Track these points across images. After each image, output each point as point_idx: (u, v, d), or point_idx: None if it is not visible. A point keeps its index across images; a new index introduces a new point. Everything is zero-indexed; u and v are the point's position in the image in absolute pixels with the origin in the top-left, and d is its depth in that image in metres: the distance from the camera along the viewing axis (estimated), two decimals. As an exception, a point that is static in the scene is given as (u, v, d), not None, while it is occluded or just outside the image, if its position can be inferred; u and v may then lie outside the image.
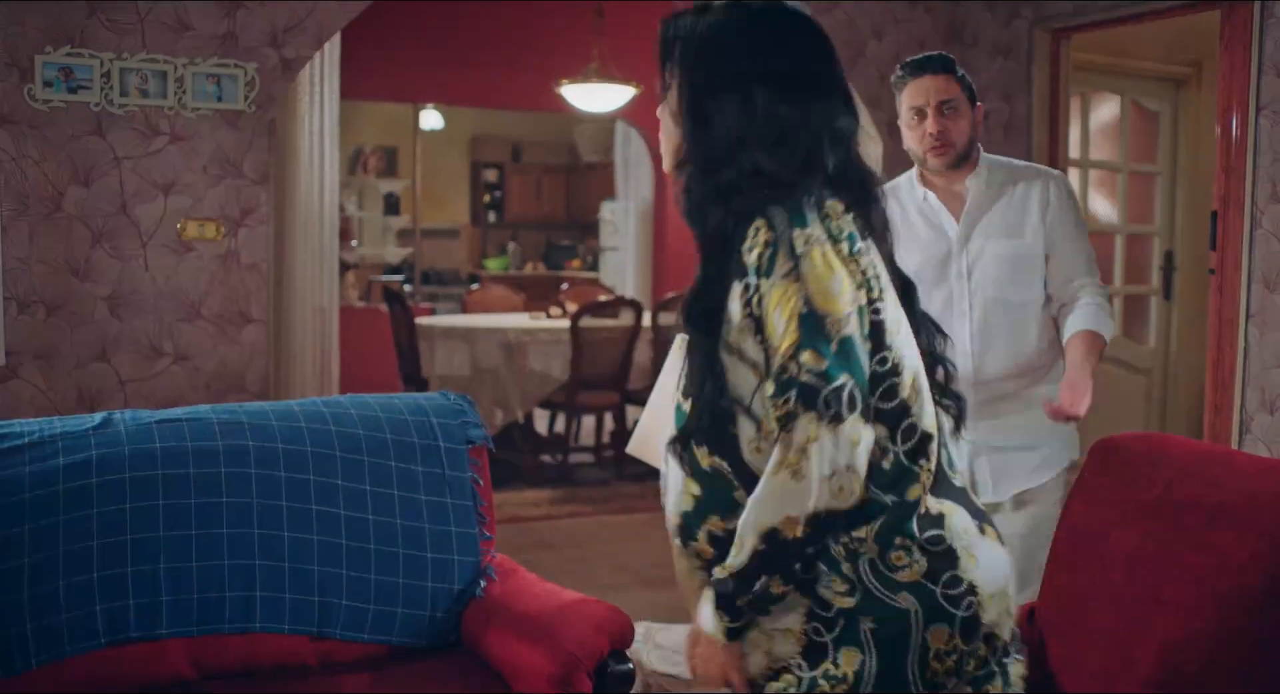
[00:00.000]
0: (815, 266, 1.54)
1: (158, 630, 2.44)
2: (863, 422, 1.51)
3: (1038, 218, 2.98)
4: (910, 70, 2.94)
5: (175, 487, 2.50)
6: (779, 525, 1.52)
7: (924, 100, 2.90)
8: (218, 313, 4.27)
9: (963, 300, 2.96)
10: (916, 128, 2.94)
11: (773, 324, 1.53)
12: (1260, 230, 4.26)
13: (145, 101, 4.09)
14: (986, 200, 2.99)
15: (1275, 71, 4.18)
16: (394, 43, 8.98)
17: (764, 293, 1.54)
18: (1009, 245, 2.95)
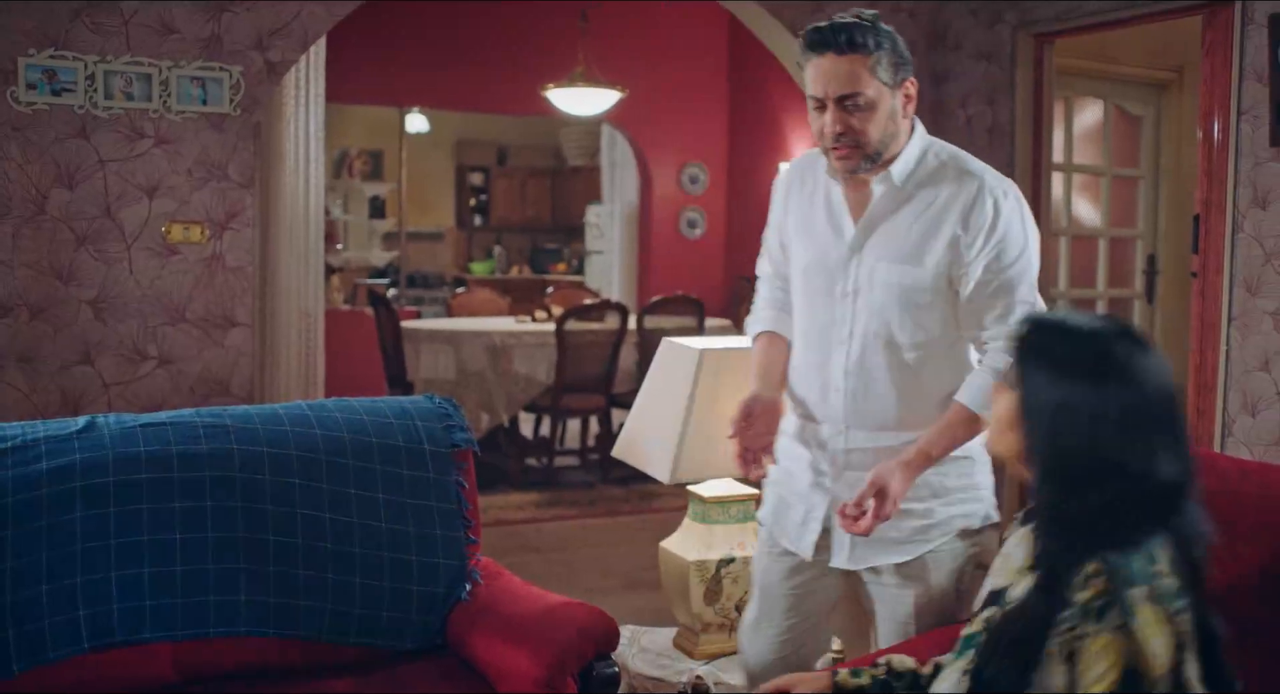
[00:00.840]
0: (1143, 627, 1.57)
1: (142, 634, 2.43)
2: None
3: (946, 242, 2.27)
4: (807, 46, 2.24)
5: (159, 490, 2.49)
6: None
7: (821, 90, 2.23)
8: (202, 316, 4.26)
9: (843, 325, 2.34)
10: (816, 120, 2.27)
11: (1090, 664, 1.57)
12: (1242, 234, 4.29)
13: (130, 104, 4.08)
14: (889, 208, 2.32)
15: (1256, 77, 4.21)
16: (380, 46, 8.98)
17: (1087, 634, 1.58)
18: (899, 272, 2.29)
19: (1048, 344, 1.70)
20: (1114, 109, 6.22)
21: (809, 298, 2.43)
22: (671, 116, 10.25)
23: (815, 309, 2.41)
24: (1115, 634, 1.57)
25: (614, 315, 7.26)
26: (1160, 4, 4.71)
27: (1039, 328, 1.74)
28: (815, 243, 2.40)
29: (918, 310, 2.30)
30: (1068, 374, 1.66)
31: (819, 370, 2.40)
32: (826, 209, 2.39)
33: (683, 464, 2.80)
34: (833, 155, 2.28)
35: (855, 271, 2.34)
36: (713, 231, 10.65)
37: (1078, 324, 1.72)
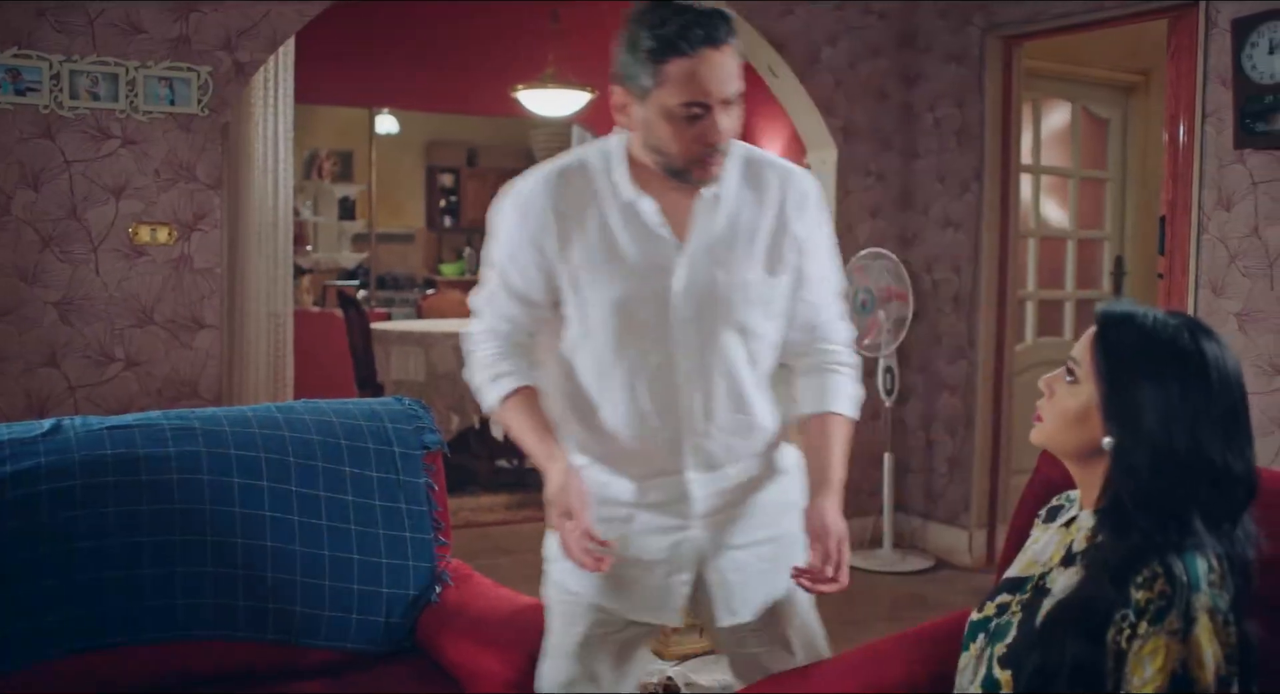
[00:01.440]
0: (1200, 635, 1.57)
1: (108, 640, 2.41)
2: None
3: (770, 234, 2.10)
4: (681, 41, 1.90)
5: (126, 494, 2.47)
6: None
7: (704, 92, 1.92)
8: (170, 318, 4.23)
9: (692, 356, 2.06)
10: (686, 129, 1.94)
11: (1139, 666, 1.58)
12: (1206, 235, 4.33)
13: (96, 104, 4.05)
14: (720, 213, 2.07)
15: (1220, 80, 4.26)
16: (349, 47, 8.95)
17: (1141, 636, 1.58)
18: (755, 282, 2.08)
19: (1130, 340, 1.69)
20: (1082, 111, 6.27)
21: (628, 337, 2.05)
22: (642, 118, 10.25)
23: (642, 349, 2.05)
24: (1170, 638, 1.57)
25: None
26: (1126, 7, 4.75)
27: (1116, 323, 1.72)
28: (627, 272, 2.03)
29: (770, 320, 2.12)
30: (1155, 370, 1.65)
31: (665, 416, 2.08)
32: (631, 230, 2.04)
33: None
34: (704, 168, 1.99)
35: (696, 292, 2.04)
36: (684, 233, 10.65)
37: (1154, 319, 1.71)
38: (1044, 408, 1.81)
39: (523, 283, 2.09)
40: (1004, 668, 1.74)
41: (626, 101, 2.00)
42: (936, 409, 5.64)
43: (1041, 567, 1.83)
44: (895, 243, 5.67)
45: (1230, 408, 1.65)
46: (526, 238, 2.06)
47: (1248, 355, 4.18)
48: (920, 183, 5.68)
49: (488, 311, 2.15)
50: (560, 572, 2.21)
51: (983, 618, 1.86)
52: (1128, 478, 1.66)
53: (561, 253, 2.05)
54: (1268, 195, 4.14)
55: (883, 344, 5.50)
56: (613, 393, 2.09)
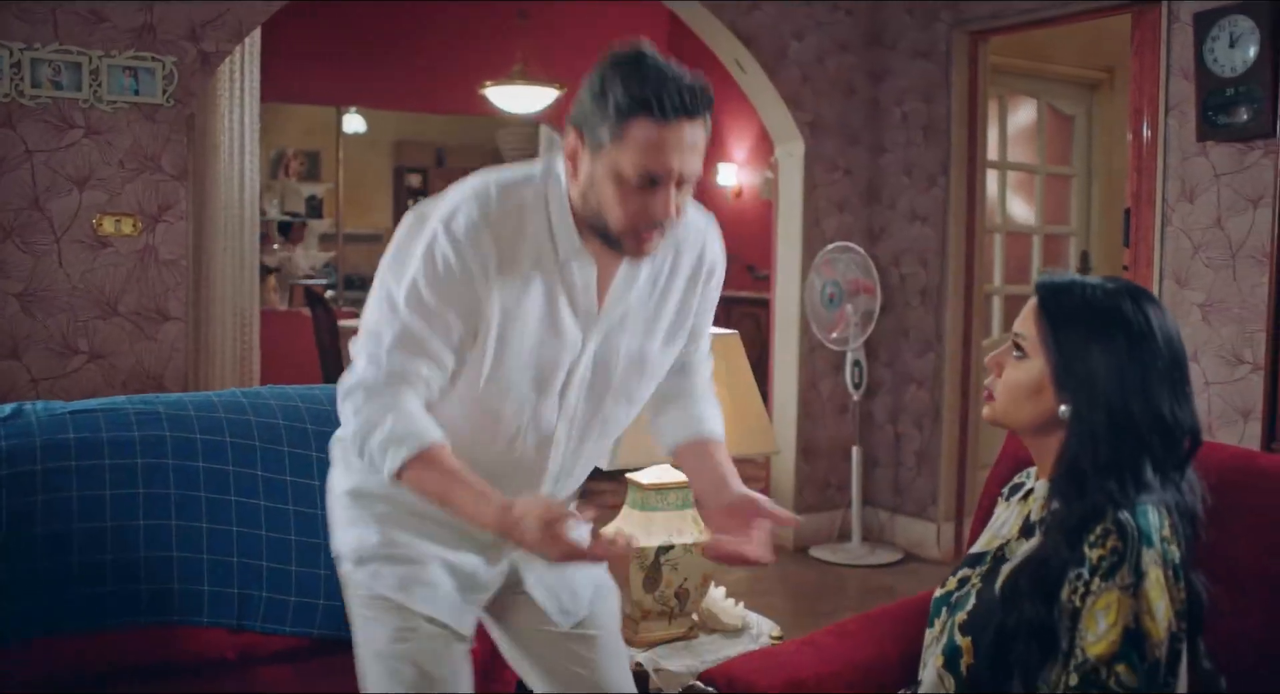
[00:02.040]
0: (1150, 589, 1.59)
1: (71, 625, 2.38)
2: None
3: (679, 302, 2.03)
4: (656, 103, 1.75)
5: (89, 478, 2.44)
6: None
7: (663, 165, 1.77)
8: (135, 310, 4.20)
9: (573, 419, 1.99)
10: (634, 197, 1.79)
11: (1093, 623, 1.60)
12: (1170, 227, 4.37)
13: (58, 93, 4.01)
14: (638, 283, 1.97)
15: (1182, 74, 4.30)
16: (316, 45, 8.90)
17: (1094, 592, 1.61)
18: (640, 351, 2.00)
19: (1074, 308, 1.72)
20: (1047, 108, 6.32)
21: (506, 394, 1.92)
22: (610, 117, 10.24)
23: (518, 407, 1.93)
24: (1123, 593, 1.59)
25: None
26: (1090, 3, 4.79)
27: (1059, 292, 1.75)
28: (534, 330, 1.89)
29: (654, 383, 2.08)
30: (1101, 333, 1.68)
31: (535, 466, 2.00)
32: (554, 292, 1.90)
33: (623, 450, 2.79)
34: (638, 241, 1.84)
35: (599, 361, 1.96)
36: (652, 232, 10.65)
37: (1093, 285, 1.74)
38: (994, 385, 1.82)
39: (442, 335, 1.85)
40: (964, 635, 1.76)
41: (577, 148, 1.83)
42: (904, 403, 5.66)
43: (1001, 539, 1.85)
44: (862, 237, 5.69)
45: (1175, 362, 1.69)
46: (461, 284, 1.83)
47: (1211, 346, 4.22)
48: (887, 177, 5.70)
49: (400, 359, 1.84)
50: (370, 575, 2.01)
51: (945, 593, 1.88)
52: (1088, 442, 1.68)
53: (488, 301, 1.86)
54: (1230, 187, 4.18)
55: (850, 337, 5.51)
56: (489, 444, 1.95)
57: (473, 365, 1.89)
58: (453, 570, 2.01)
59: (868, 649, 2.21)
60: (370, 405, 1.83)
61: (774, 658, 2.20)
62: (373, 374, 1.84)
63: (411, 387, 1.85)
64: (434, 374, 1.86)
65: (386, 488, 1.95)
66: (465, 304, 1.84)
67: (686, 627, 3.05)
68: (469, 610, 2.05)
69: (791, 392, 5.71)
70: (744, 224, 9.84)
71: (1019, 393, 1.77)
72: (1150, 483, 1.66)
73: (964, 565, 1.88)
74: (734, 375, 3.00)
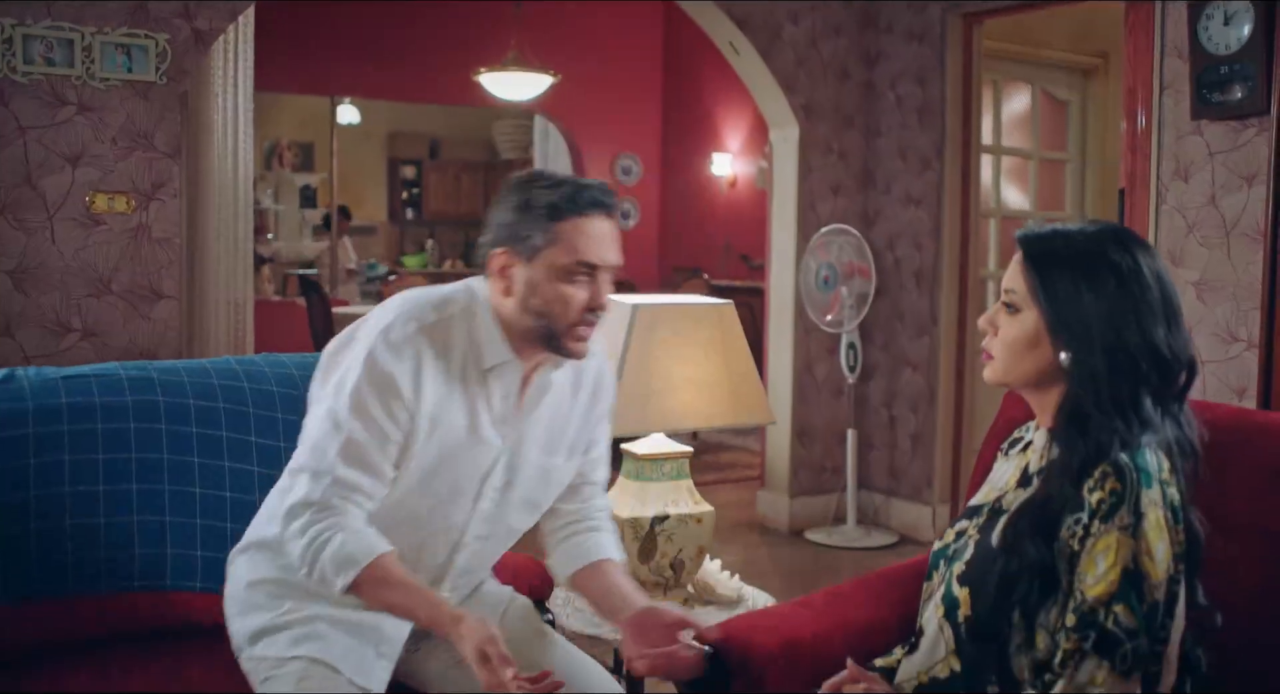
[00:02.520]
0: (1150, 530, 1.60)
1: (63, 589, 2.37)
2: (1138, 682, 1.59)
3: (580, 423, 2.21)
4: (578, 201, 1.97)
5: (82, 442, 2.42)
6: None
7: (598, 255, 1.97)
8: (128, 288, 4.18)
9: (480, 525, 2.13)
10: (575, 289, 1.97)
11: (1092, 565, 1.60)
12: (1165, 206, 4.37)
13: (51, 70, 4.00)
14: (549, 397, 2.13)
15: (1176, 53, 4.30)
16: (311, 34, 8.89)
17: (1093, 534, 1.61)
18: (546, 462, 2.16)
19: (1060, 254, 1.71)
20: (1041, 94, 6.32)
21: (428, 498, 2.05)
22: (605, 107, 10.25)
23: (437, 511, 2.06)
24: (1122, 534, 1.59)
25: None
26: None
27: (1042, 241, 1.74)
28: (459, 437, 2.02)
29: (555, 492, 2.23)
30: (1089, 275, 1.68)
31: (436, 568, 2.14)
32: (475, 402, 2.04)
33: (617, 419, 2.79)
34: (579, 333, 2.00)
35: (511, 471, 2.10)
36: (646, 222, 10.66)
37: (1075, 230, 1.74)
38: (991, 345, 1.82)
39: (382, 444, 1.96)
40: (962, 585, 1.75)
41: (509, 263, 1.99)
42: (899, 386, 5.66)
43: (999, 491, 1.84)
44: (857, 220, 5.69)
45: (1165, 295, 1.69)
46: (398, 392, 1.96)
47: (1206, 324, 4.22)
48: (882, 161, 5.70)
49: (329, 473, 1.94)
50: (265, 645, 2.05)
51: (943, 546, 1.88)
52: (1089, 384, 1.67)
53: (420, 409, 1.98)
54: (1224, 165, 4.18)
55: (845, 320, 5.51)
56: (404, 544, 2.02)
57: (402, 472, 2.00)
58: (350, 627, 2.05)
59: (864, 610, 2.21)
60: (318, 524, 1.93)
61: (770, 618, 2.19)
62: (319, 492, 1.94)
63: (355, 504, 1.96)
64: (375, 487, 1.98)
65: (282, 573, 2.06)
66: (402, 411, 1.96)
67: (681, 599, 3.04)
68: (377, 664, 2.05)
69: (786, 375, 5.70)
70: (739, 214, 9.84)
71: (1017, 347, 1.77)
72: (1151, 417, 1.66)
73: (961, 518, 1.88)
74: (730, 346, 2.99)
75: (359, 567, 1.90)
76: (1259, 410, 2.64)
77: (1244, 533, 1.88)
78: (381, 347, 1.96)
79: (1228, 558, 1.86)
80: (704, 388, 2.92)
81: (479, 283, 2.08)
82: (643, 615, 2.05)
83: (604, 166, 10.46)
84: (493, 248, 2.01)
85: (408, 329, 1.98)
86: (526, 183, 2.01)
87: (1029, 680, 1.67)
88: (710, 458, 7.52)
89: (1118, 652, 1.57)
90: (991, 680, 1.71)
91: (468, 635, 1.84)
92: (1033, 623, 1.67)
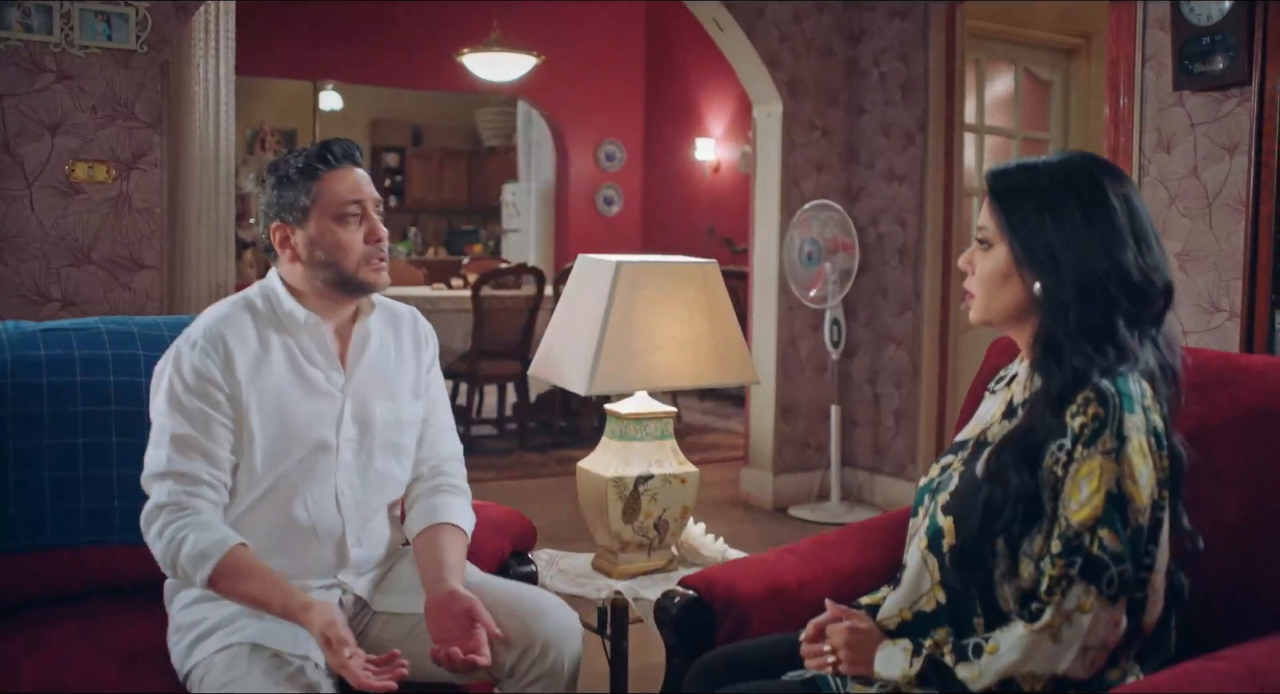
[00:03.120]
0: (1134, 454, 1.60)
1: (42, 541, 2.35)
2: (1125, 606, 1.60)
3: (414, 366, 2.33)
4: (327, 158, 2.15)
5: (61, 395, 2.41)
6: (1020, 678, 1.62)
7: (361, 193, 2.16)
8: (108, 257, 4.16)
9: (347, 476, 2.20)
10: (355, 227, 2.15)
11: (1076, 491, 1.61)
12: (1148, 178, 4.38)
13: (29, 36, 3.96)
14: (371, 345, 2.26)
15: (1159, 25, 4.30)
16: (292, 18, 8.85)
17: (1076, 459, 1.61)
18: (393, 405, 2.27)
19: (1025, 187, 1.72)
20: (1024, 73, 6.33)
21: (284, 461, 2.14)
22: (588, 93, 10.24)
23: (299, 471, 2.14)
24: (1105, 458, 1.59)
25: (531, 281, 7.21)
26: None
27: (1008, 176, 1.75)
28: (290, 406, 2.14)
29: (406, 449, 2.30)
30: (1053, 204, 1.68)
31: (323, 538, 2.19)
32: (296, 360, 2.17)
33: (599, 376, 2.78)
34: (374, 265, 2.16)
35: (353, 417, 2.20)
36: (629, 208, 10.65)
37: (1041, 162, 1.74)
38: (970, 284, 1.83)
39: (206, 432, 2.07)
40: (946, 515, 1.75)
41: (287, 233, 2.16)
42: (883, 362, 5.66)
43: (984, 425, 1.85)
44: (841, 197, 5.69)
45: (1134, 219, 1.69)
46: (210, 382, 2.08)
47: (1188, 295, 4.24)
48: (865, 138, 5.70)
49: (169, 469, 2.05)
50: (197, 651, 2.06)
51: (928, 481, 1.88)
52: (1060, 313, 1.68)
53: (239, 389, 2.10)
54: (1206, 136, 4.19)
55: (829, 295, 5.52)
56: (287, 518, 2.14)
57: (249, 448, 2.10)
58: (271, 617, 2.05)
59: (850, 556, 2.21)
60: (173, 525, 2.03)
61: (755, 565, 2.19)
62: (165, 494, 2.05)
63: (203, 497, 2.06)
64: (216, 474, 2.07)
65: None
66: (219, 394, 2.08)
67: (666, 560, 3.03)
68: (310, 640, 2.04)
69: (770, 352, 5.70)
70: (722, 199, 9.84)
71: (992, 282, 1.78)
72: (1127, 342, 1.66)
73: (947, 453, 1.88)
74: (714, 305, 2.98)
75: (214, 559, 1.99)
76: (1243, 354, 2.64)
77: (1229, 471, 1.89)
78: (186, 349, 2.11)
79: (1214, 496, 1.87)
80: (688, 346, 2.91)
81: (268, 275, 2.23)
82: (443, 599, 2.08)
83: (588, 153, 10.45)
84: (268, 225, 2.17)
85: (206, 325, 2.14)
86: (277, 163, 2.19)
87: (1014, 611, 1.67)
88: (694, 439, 7.53)
89: (1104, 576, 1.57)
90: (976, 611, 1.71)
91: (315, 622, 1.93)
92: (1016, 552, 1.67)
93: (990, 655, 1.64)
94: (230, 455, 2.09)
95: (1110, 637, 1.59)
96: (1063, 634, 1.58)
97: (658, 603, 2.29)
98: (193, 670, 2.03)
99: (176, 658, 2.08)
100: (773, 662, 1.92)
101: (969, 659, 1.66)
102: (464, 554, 2.23)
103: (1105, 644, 1.60)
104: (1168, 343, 1.73)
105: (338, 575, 2.20)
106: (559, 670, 2.12)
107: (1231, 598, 1.84)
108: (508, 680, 2.12)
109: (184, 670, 2.06)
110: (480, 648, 2.00)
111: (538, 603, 2.20)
